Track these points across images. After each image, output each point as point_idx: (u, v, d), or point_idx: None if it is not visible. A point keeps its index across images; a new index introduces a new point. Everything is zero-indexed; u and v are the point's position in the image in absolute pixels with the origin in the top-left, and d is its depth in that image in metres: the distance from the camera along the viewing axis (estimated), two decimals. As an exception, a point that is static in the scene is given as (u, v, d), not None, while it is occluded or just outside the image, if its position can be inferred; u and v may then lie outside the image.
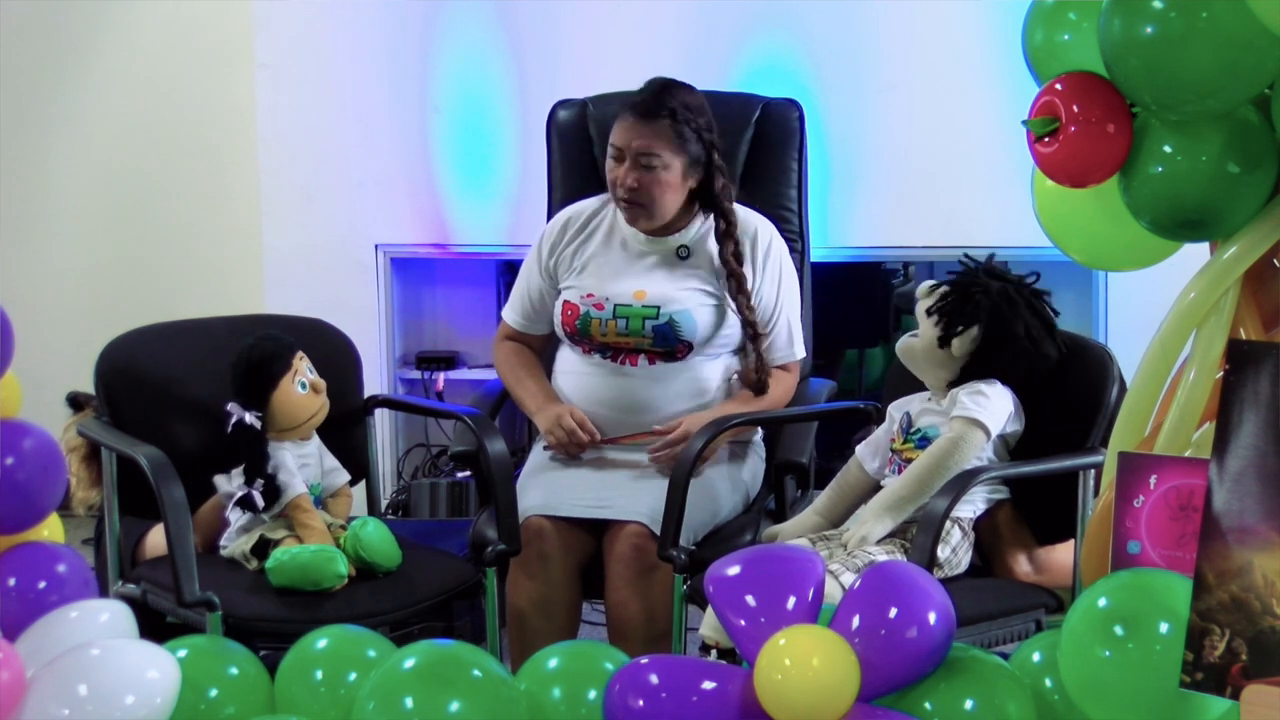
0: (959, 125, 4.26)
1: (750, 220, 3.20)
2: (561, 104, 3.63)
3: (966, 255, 2.96)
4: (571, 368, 3.22)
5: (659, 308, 3.11)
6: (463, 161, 4.54)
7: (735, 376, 3.21)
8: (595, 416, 3.18)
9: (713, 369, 3.17)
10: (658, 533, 2.95)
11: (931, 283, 2.93)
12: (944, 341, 2.86)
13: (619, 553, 2.98)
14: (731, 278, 3.12)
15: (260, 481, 2.96)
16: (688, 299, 3.12)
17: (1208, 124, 2.10)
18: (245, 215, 4.71)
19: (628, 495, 3.02)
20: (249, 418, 2.98)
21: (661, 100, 3.08)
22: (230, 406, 3.00)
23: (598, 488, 3.07)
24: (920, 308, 2.92)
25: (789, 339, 3.23)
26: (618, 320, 3.13)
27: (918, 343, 2.91)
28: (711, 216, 3.17)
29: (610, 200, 3.21)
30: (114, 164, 4.84)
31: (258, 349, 3.05)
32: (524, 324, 3.30)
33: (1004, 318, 2.84)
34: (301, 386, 3.05)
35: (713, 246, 3.16)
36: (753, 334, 3.14)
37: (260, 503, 2.95)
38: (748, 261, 3.16)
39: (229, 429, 2.99)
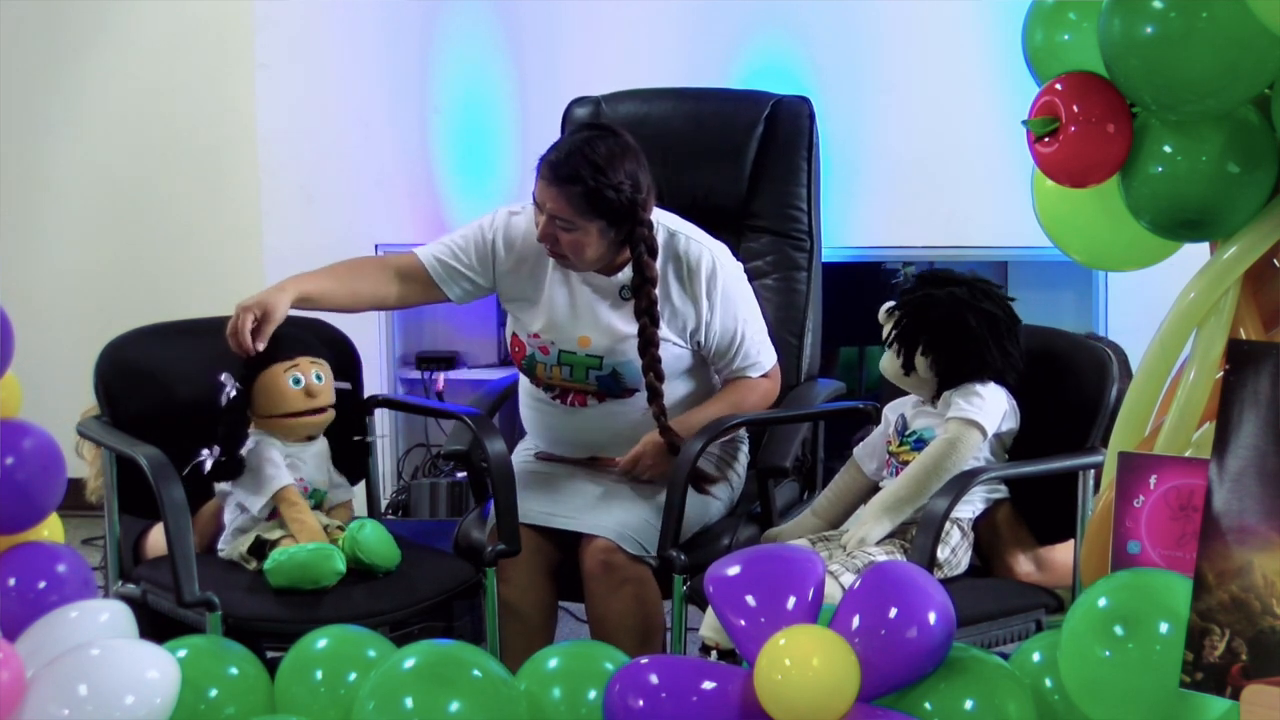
0: (959, 125, 4.26)
1: (694, 252, 3.08)
2: (577, 101, 3.61)
3: (906, 264, 2.94)
4: (529, 400, 3.21)
5: (602, 358, 3.06)
6: (463, 161, 4.54)
7: (716, 378, 3.18)
8: (555, 449, 3.18)
9: (666, 397, 3.12)
10: (625, 547, 2.96)
11: (889, 305, 2.91)
12: (907, 369, 2.86)
13: (589, 569, 2.98)
14: (641, 333, 3.01)
15: (217, 448, 2.92)
16: (630, 349, 3.04)
17: (1208, 124, 2.10)
18: (245, 215, 4.72)
19: (595, 509, 3.02)
20: (230, 387, 2.97)
21: (573, 164, 2.94)
22: (223, 376, 2.98)
23: (568, 497, 3.07)
24: (885, 333, 2.91)
25: (758, 350, 3.14)
26: (562, 367, 3.09)
27: (890, 365, 2.91)
28: (659, 254, 3.07)
29: None
30: (114, 164, 4.85)
31: (281, 330, 3.04)
32: (432, 268, 3.15)
33: (956, 323, 2.83)
34: (295, 382, 3.03)
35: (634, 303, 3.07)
36: (651, 387, 3.04)
37: (207, 466, 2.91)
38: (686, 297, 3.07)
39: (221, 399, 2.97)
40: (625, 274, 3.07)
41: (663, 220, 3.11)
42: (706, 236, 3.14)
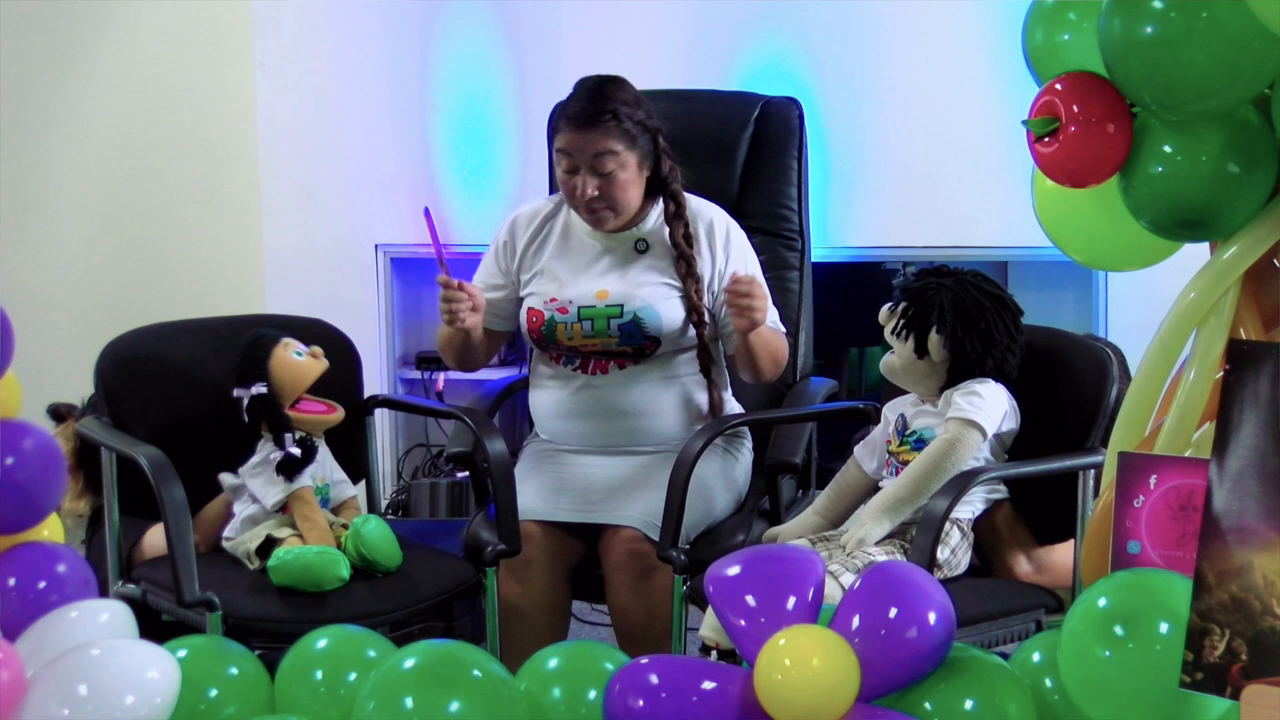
0: (959, 125, 4.26)
1: (705, 209, 3.16)
2: None
3: (906, 264, 2.95)
4: (545, 381, 3.21)
5: (622, 305, 3.08)
6: (463, 161, 4.54)
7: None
8: (573, 429, 3.17)
9: (686, 361, 3.15)
10: (652, 536, 2.95)
11: (888, 306, 2.93)
12: (920, 352, 2.87)
13: (616, 560, 2.97)
14: (681, 259, 3.09)
15: (289, 436, 2.98)
16: (650, 294, 3.09)
17: (1208, 124, 2.10)
18: (245, 215, 4.72)
19: (619, 500, 3.02)
20: (256, 388, 3.00)
21: (598, 104, 3.04)
22: (236, 391, 3.02)
23: (588, 491, 3.06)
24: (887, 333, 2.92)
25: (769, 304, 3.12)
26: (583, 323, 3.10)
27: (897, 361, 2.91)
28: (664, 203, 3.14)
29: (563, 201, 3.18)
30: (114, 164, 4.84)
31: (245, 338, 3.09)
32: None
33: (967, 308, 2.85)
34: (297, 354, 3.07)
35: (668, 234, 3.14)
36: (697, 319, 3.09)
37: (297, 452, 2.96)
38: (705, 248, 3.12)
39: (244, 412, 3.01)
40: (638, 228, 3.13)
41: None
42: (717, 207, 3.21)
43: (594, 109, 3.03)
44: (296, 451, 2.98)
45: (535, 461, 3.19)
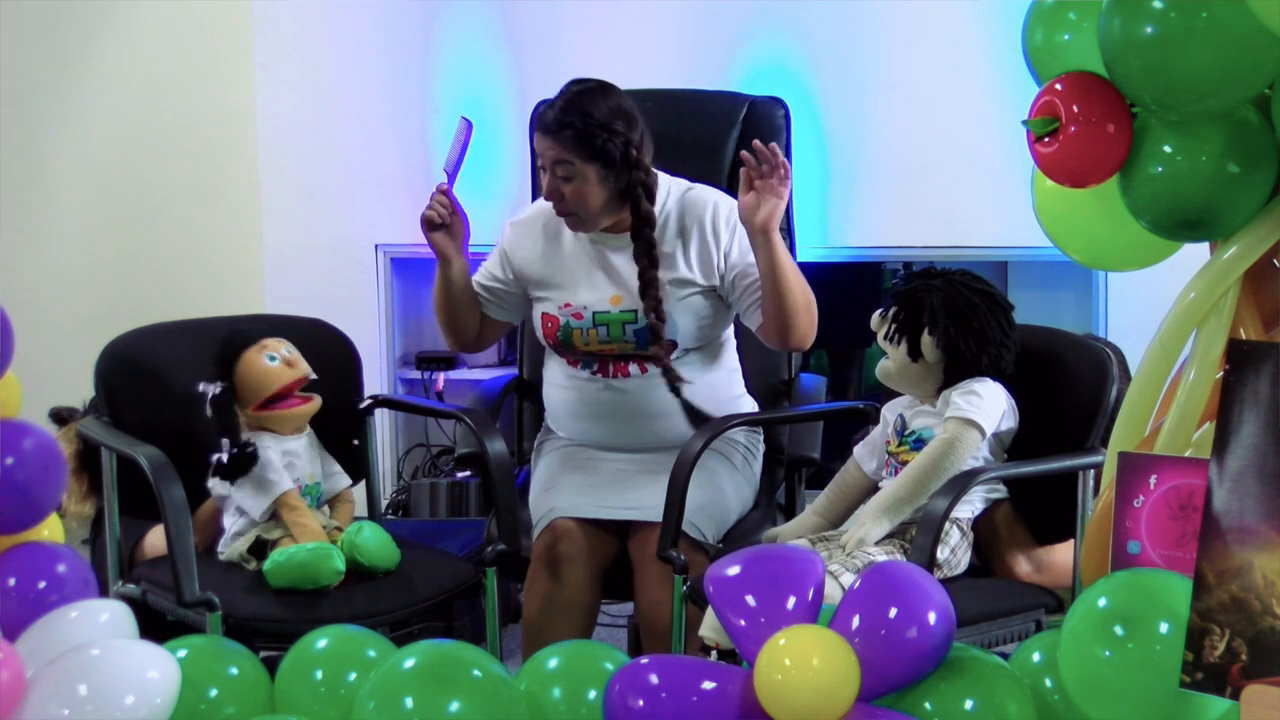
0: (959, 125, 4.27)
1: (702, 198, 3.13)
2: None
3: (906, 264, 2.94)
4: (561, 381, 3.20)
5: (636, 311, 3.08)
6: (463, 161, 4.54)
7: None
8: (594, 432, 3.17)
9: (707, 358, 3.15)
10: (688, 533, 2.95)
11: (880, 311, 2.93)
12: (914, 355, 2.87)
13: (651, 554, 2.96)
14: (641, 276, 3.06)
15: (226, 442, 2.94)
16: (664, 298, 3.08)
17: (1208, 124, 2.10)
18: (245, 215, 4.72)
19: (654, 497, 3.01)
20: (212, 389, 2.98)
21: (566, 113, 3.02)
22: (201, 385, 3.00)
23: (622, 489, 3.06)
24: (880, 338, 2.92)
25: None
26: (598, 328, 3.10)
27: (892, 365, 2.91)
28: (669, 205, 3.12)
29: None
30: (114, 164, 4.84)
31: (223, 333, 3.07)
32: (480, 295, 3.24)
33: (959, 306, 2.85)
34: (270, 359, 3.03)
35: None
36: (653, 338, 3.05)
37: (225, 460, 2.93)
38: (710, 236, 3.09)
39: (206, 409, 2.99)
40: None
41: (675, 182, 3.16)
42: (720, 193, 3.19)
43: (559, 117, 3.02)
44: (225, 461, 2.93)
45: (563, 459, 3.18)
